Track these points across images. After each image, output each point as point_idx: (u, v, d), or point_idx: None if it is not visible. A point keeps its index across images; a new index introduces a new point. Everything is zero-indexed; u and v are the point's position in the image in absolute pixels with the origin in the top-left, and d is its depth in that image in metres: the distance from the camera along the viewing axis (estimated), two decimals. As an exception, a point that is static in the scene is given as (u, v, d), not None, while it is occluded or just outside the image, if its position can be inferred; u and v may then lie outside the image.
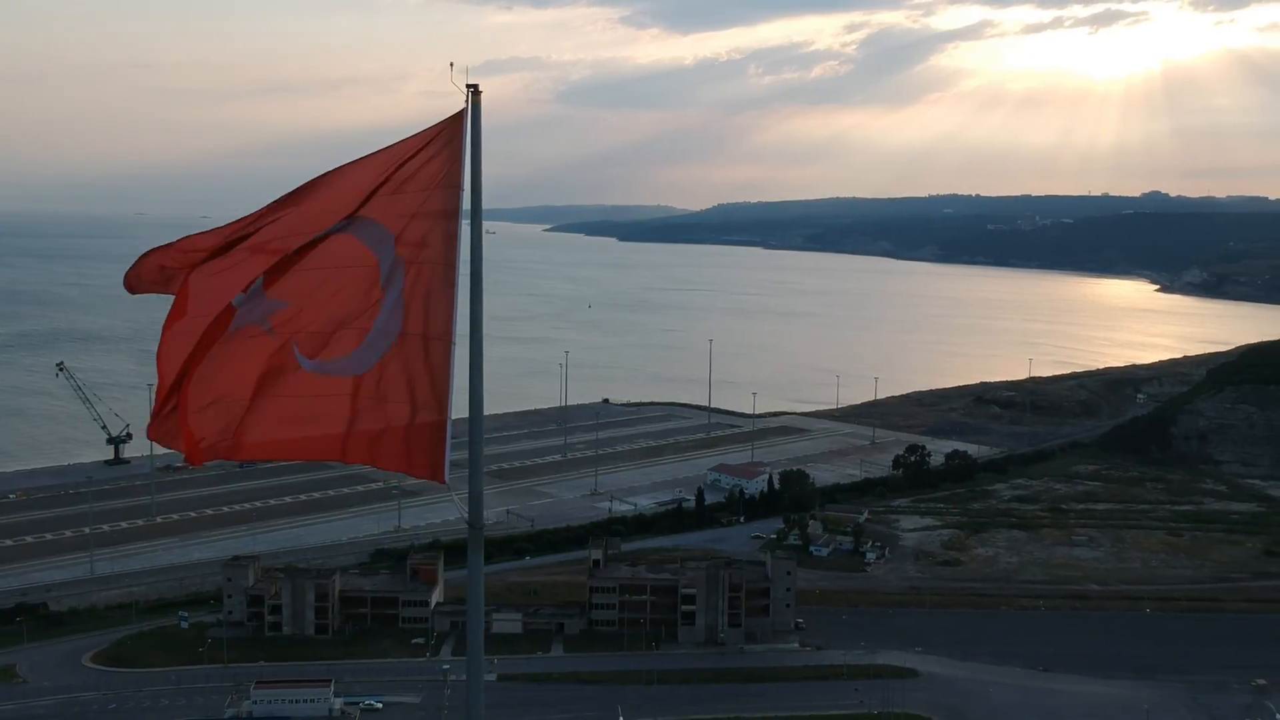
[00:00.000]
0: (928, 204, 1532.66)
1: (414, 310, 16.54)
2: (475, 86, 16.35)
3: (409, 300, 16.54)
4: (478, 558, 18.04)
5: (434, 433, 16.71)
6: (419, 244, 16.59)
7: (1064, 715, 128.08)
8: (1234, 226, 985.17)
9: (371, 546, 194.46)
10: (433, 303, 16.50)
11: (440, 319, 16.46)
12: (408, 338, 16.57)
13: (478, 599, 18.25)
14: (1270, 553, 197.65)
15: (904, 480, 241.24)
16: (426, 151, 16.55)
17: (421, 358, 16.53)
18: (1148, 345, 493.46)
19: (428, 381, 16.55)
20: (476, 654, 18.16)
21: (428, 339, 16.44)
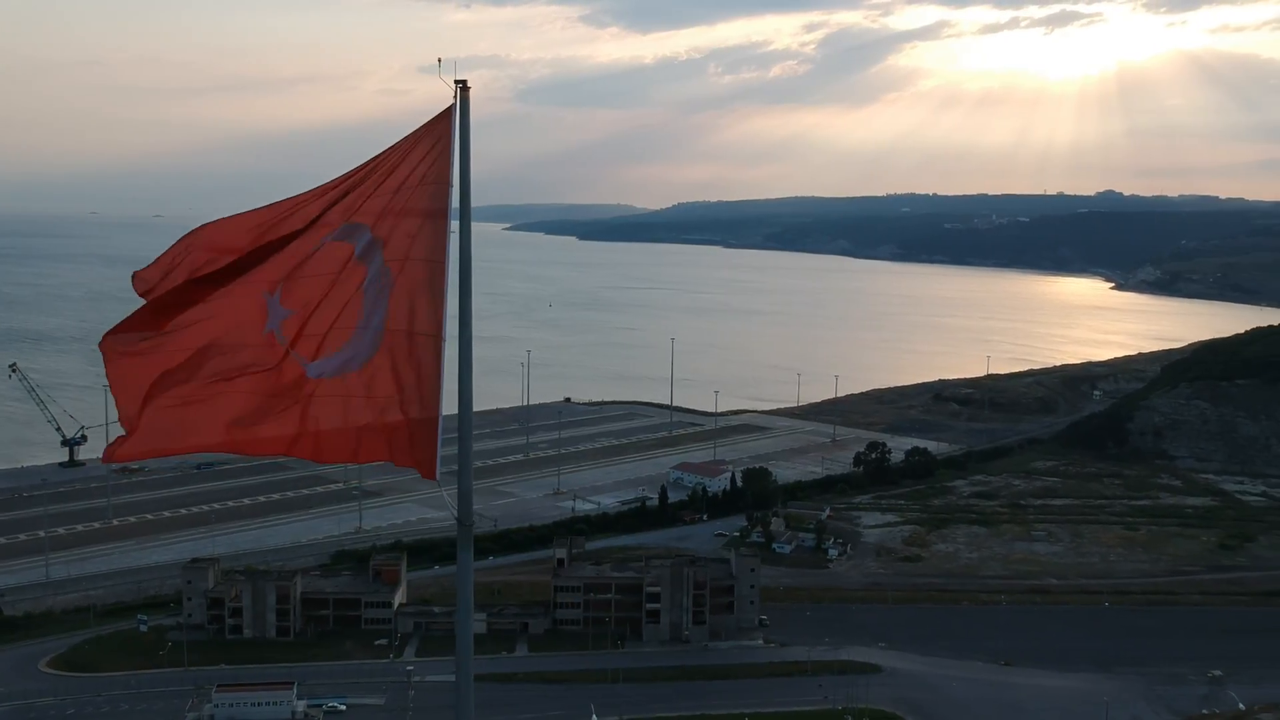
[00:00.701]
0: (886, 203, 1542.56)
1: (401, 308, 16.59)
2: (464, 83, 16.32)
3: (396, 298, 16.59)
4: (467, 555, 18.02)
5: (425, 429, 16.76)
6: (405, 242, 16.63)
7: (1025, 708, 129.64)
8: (1186, 225, 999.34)
9: (333, 548, 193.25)
10: (421, 300, 16.55)
11: (429, 316, 16.51)
12: (395, 335, 16.62)
13: (467, 597, 18.20)
14: (1224, 546, 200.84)
15: (865, 477, 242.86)
16: (415, 149, 16.59)
17: (410, 355, 16.59)
18: (1103, 342, 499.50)
19: (417, 378, 16.60)
20: (466, 652, 18.10)
21: (416, 336, 16.50)
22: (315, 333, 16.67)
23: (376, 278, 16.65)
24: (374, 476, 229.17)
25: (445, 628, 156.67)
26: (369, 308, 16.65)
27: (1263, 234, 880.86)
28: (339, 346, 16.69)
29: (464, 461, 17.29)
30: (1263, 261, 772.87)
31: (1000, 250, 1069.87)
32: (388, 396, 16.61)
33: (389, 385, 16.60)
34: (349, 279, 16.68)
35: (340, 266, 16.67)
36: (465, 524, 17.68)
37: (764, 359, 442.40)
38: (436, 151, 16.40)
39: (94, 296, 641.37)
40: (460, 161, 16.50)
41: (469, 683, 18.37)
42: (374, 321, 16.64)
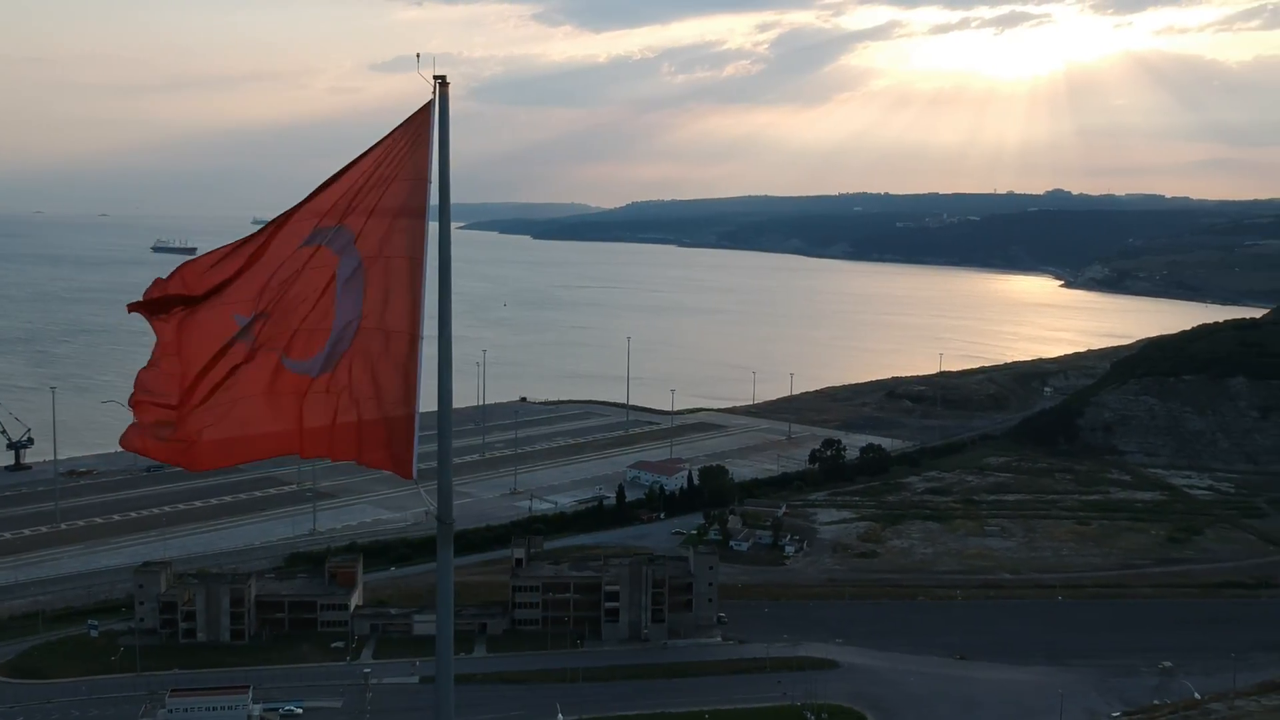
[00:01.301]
0: (838, 202, 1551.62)
1: (377, 306, 16.53)
2: (443, 78, 16.26)
3: (371, 296, 16.51)
4: (447, 553, 18.02)
5: (401, 428, 16.72)
6: (382, 239, 16.55)
7: (981, 702, 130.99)
8: (1133, 223, 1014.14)
9: (287, 550, 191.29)
10: (397, 298, 16.49)
11: (405, 314, 16.46)
12: (371, 333, 16.54)
13: (448, 595, 18.18)
14: (1173, 539, 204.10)
15: (820, 474, 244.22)
16: (394, 145, 16.48)
17: (386, 353, 16.52)
18: (1053, 339, 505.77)
19: (394, 377, 16.55)
20: (446, 651, 18.07)
21: (393, 334, 16.43)
22: (291, 332, 16.54)
23: (352, 275, 16.53)
24: (328, 478, 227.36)
25: (402, 629, 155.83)
26: (344, 305, 16.54)
27: (1207, 233, 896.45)
28: (319, 346, 16.57)
29: (444, 459, 17.26)
30: (1207, 260, 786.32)
31: (951, 249, 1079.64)
32: (363, 394, 16.53)
33: (364, 383, 16.52)
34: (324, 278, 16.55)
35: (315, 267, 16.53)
36: (445, 522, 17.70)
37: (719, 357, 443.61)
38: (415, 147, 16.30)
39: (39, 297, 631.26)
40: (440, 157, 16.41)
41: (449, 681, 18.33)
42: (349, 319, 16.53)
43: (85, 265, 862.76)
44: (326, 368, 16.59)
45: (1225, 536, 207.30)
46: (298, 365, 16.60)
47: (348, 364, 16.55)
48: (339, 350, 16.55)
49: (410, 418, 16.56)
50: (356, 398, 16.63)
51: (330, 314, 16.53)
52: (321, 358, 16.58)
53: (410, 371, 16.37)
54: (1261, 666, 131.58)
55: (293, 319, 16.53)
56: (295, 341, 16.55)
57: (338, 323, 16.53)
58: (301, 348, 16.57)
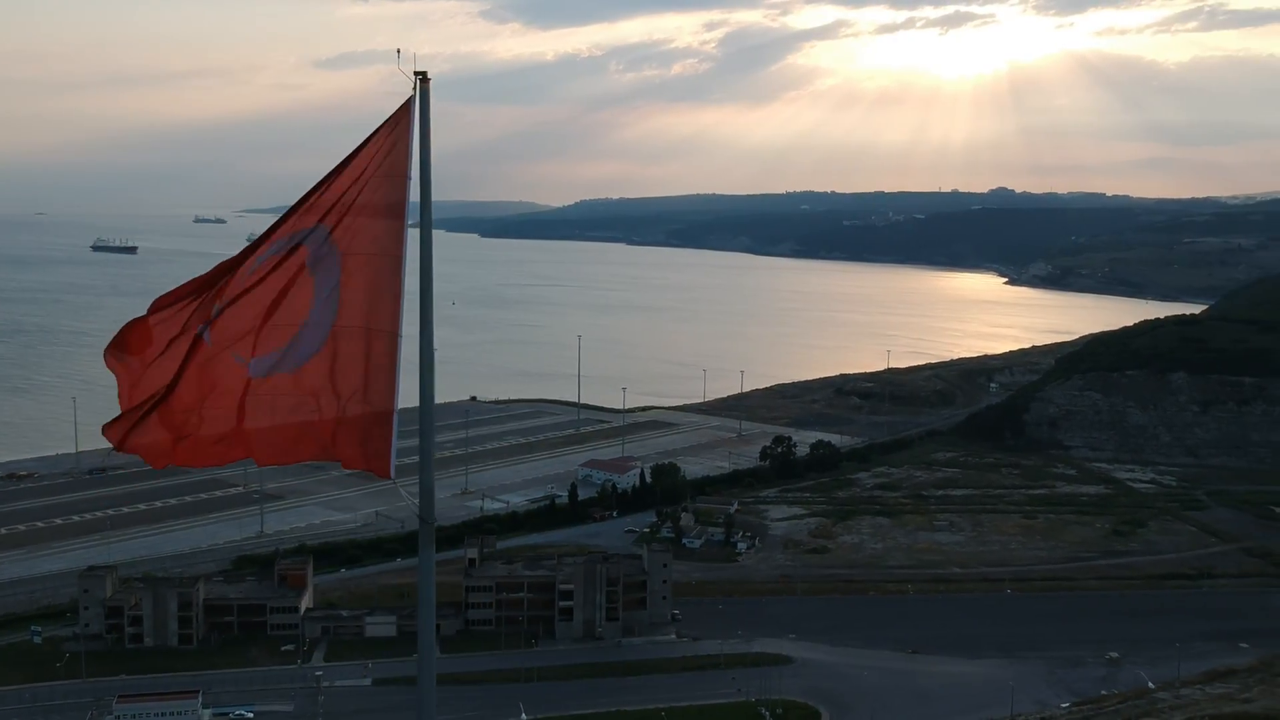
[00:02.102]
0: (786, 200, 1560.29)
1: (352, 303, 16.21)
2: (424, 74, 15.99)
3: (346, 294, 16.20)
4: (429, 552, 17.82)
5: (379, 427, 16.47)
6: (359, 237, 16.24)
7: (933, 695, 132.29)
8: (1075, 221, 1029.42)
9: (234, 553, 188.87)
10: (375, 296, 16.20)
11: (384, 312, 16.18)
12: (346, 331, 16.24)
13: (429, 594, 18.01)
14: (1118, 532, 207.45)
15: (771, 471, 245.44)
16: (372, 143, 16.20)
17: (363, 351, 16.24)
18: (998, 336, 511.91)
19: (371, 375, 16.28)
20: (429, 652, 17.90)
21: (370, 332, 16.17)
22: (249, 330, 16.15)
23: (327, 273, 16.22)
24: (275, 479, 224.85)
25: (354, 631, 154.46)
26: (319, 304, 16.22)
27: (1147, 230, 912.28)
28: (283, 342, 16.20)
29: (426, 458, 17.05)
30: (1147, 257, 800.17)
31: (897, 247, 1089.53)
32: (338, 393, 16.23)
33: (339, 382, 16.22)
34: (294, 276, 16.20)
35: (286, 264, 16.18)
36: (427, 521, 17.46)
37: (669, 355, 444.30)
38: (394, 144, 16.03)
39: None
40: (420, 154, 16.15)
41: (431, 681, 18.14)
42: (323, 319, 16.22)
43: (22, 265, 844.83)
44: (295, 366, 16.23)
45: (1167, 529, 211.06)
46: (258, 363, 16.20)
47: (321, 362, 16.21)
48: (310, 349, 16.21)
49: (389, 417, 16.33)
50: (332, 396, 16.32)
51: (300, 311, 16.19)
52: (289, 355, 16.20)
53: (389, 370, 16.14)
54: (1204, 655, 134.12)
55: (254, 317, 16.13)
56: (257, 340, 16.17)
57: (310, 320, 16.19)
58: (263, 345, 16.18)
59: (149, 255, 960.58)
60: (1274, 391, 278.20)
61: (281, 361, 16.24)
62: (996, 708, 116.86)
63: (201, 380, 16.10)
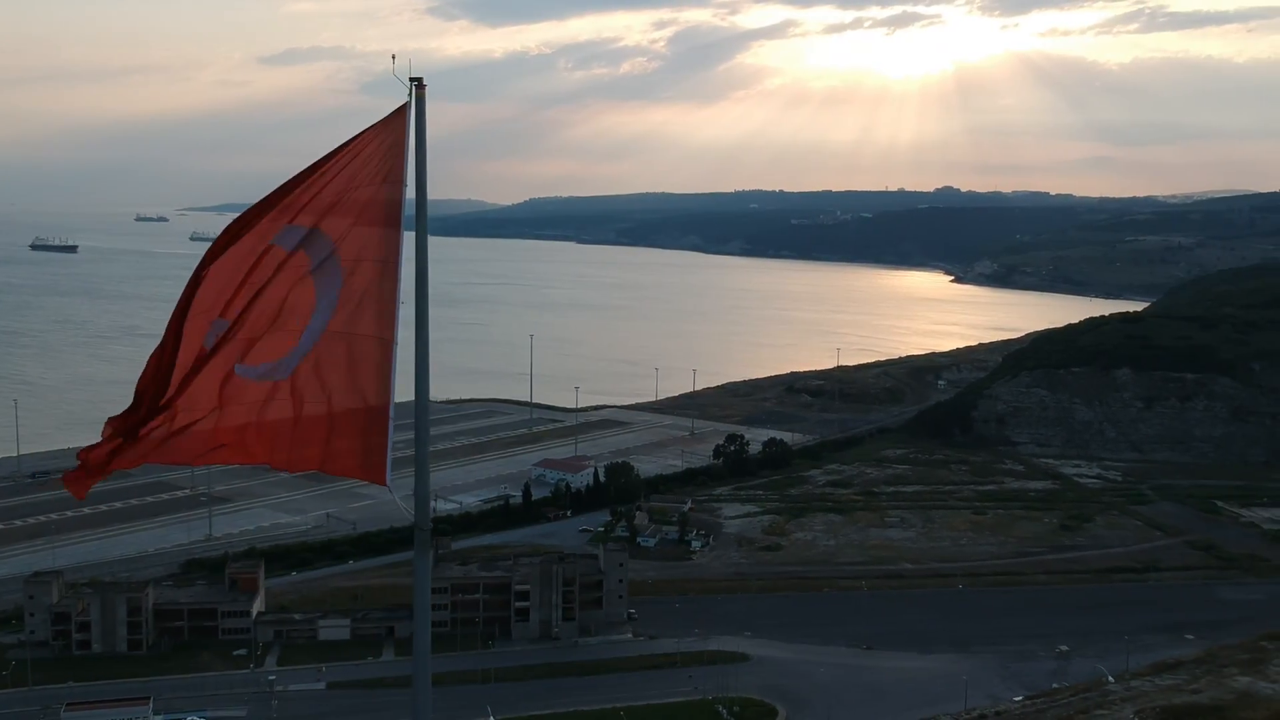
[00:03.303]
0: (734, 199, 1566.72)
1: (350, 310, 16.13)
2: (419, 80, 15.95)
3: (344, 300, 16.12)
4: (425, 560, 17.72)
5: (375, 434, 16.41)
6: (357, 244, 16.18)
7: (888, 690, 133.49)
8: (1020, 220, 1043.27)
9: (183, 556, 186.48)
10: (371, 302, 16.13)
11: (381, 318, 16.13)
12: (341, 337, 16.14)
13: (425, 601, 17.88)
14: (1065, 527, 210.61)
15: (724, 469, 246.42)
16: (367, 148, 16.12)
17: (359, 358, 16.17)
18: (945, 333, 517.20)
19: (368, 382, 16.22)
20: (424, 658, 17.80)
21: (367, 339, 16.09)
22: (248, 336, 16.04)
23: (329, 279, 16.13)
24: (223, 482, 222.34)
25: (307, 635, 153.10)
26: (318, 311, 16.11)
27: (1089, 228, 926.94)
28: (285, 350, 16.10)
29: (421, 465, 16.99)
30: (1090, 255, 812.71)
31: (845, 245, 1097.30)
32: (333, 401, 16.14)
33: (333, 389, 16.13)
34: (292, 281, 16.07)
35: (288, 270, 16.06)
36: (423, 528, 17.36)
37: (621, 354, 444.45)
38: (390, 150, 15.98)
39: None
40: (416, 161, 16.12)
41: (426, 688, 18.04)
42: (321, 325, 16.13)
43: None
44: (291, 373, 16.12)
45: (1114, 523, 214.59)
46: (255, 371, 16.07)
47: (314, 369, 16.10)
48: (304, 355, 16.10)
49: (384, 424, 16.27)
50: (326, 404, 16.22)
51: (301, 318, 16.08)
52: (287, 362, 16.10)
53: (384, 377, 16.09)
54: (1152, 647, 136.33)
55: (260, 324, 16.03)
56: (258, 347, 16.04)
57: (311, 327, 16.09)
58: (264, 353, 16.05)
59: (89, 254, 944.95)
60: (1215, 388, 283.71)
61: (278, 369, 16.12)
62: (951, 702, 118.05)
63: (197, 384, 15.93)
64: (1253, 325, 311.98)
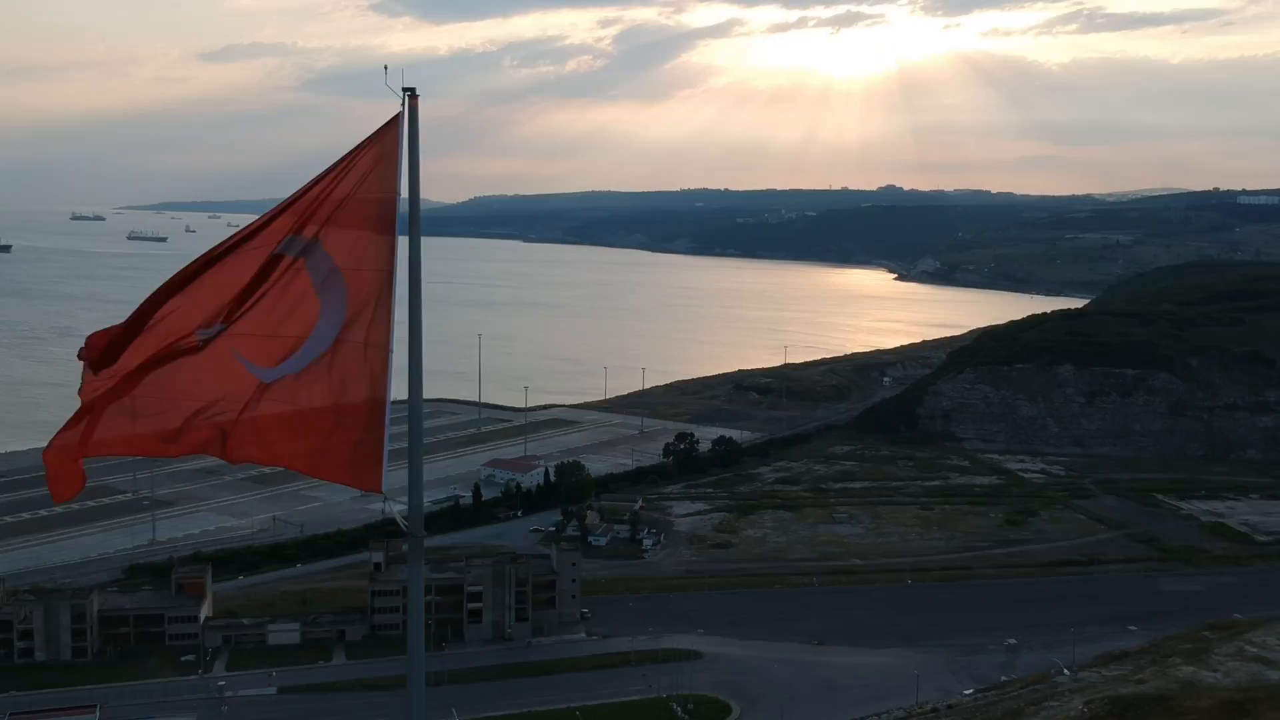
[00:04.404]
0: (681, 198, 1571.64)
1: (350, 318, 16.31)
2: (412, 90, 16.15)
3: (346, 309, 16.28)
4: (418, 568, 17.78)
5: (371, 442, 16.56)
6: (354, 253, 16.37)
7: (841, 685, 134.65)
8: (962, 218, 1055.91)
9: (126, 562, 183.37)
10: (370, 311, 16.32)
11: (379, 328, 16.33)
12: (344, 346, 16.31)
13: (418, 609, 17.92)
14: (1011, 521, 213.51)
15: (674, 467, 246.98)
16: (361, 159, 16.32)
17: (357, 365, 16.33)
18: (890, 330, 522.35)
19: (364, 391, 16.37)
20: (418, 665, 17.87)
21: (365, 347, 16.25)
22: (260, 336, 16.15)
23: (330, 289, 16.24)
24: (166, 485, 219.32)
25: (256, 640, 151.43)
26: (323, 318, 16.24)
27: (1030, 226, 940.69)
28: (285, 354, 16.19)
29: (415, 471, 17.06)
30: (1031, 252, 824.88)
31: (790, 244, 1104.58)
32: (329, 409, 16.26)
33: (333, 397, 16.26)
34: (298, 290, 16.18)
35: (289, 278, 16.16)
36: (417, 536, 17.44)
37: (568, 353, 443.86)
38: (383, 161, 16.15)
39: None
40: (410, 171, 16.27)
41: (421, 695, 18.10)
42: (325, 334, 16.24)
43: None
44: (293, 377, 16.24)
45: (1058, 517, 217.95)
46: (257, 369, 16.20)
47: (314, 376, 16.25)
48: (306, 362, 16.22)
49: (380, 431, 16.42)
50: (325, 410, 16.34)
51: (305, 327, 16.19)
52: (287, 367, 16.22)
53: (381, 384, 16.26)
54: (1097, 639, 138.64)
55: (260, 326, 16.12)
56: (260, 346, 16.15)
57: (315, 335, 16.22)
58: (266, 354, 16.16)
59: (24, 254, 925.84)
60: (1154, 383, 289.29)
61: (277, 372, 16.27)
62: (902, 696, 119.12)
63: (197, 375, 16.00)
64: (1190, 321, 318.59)
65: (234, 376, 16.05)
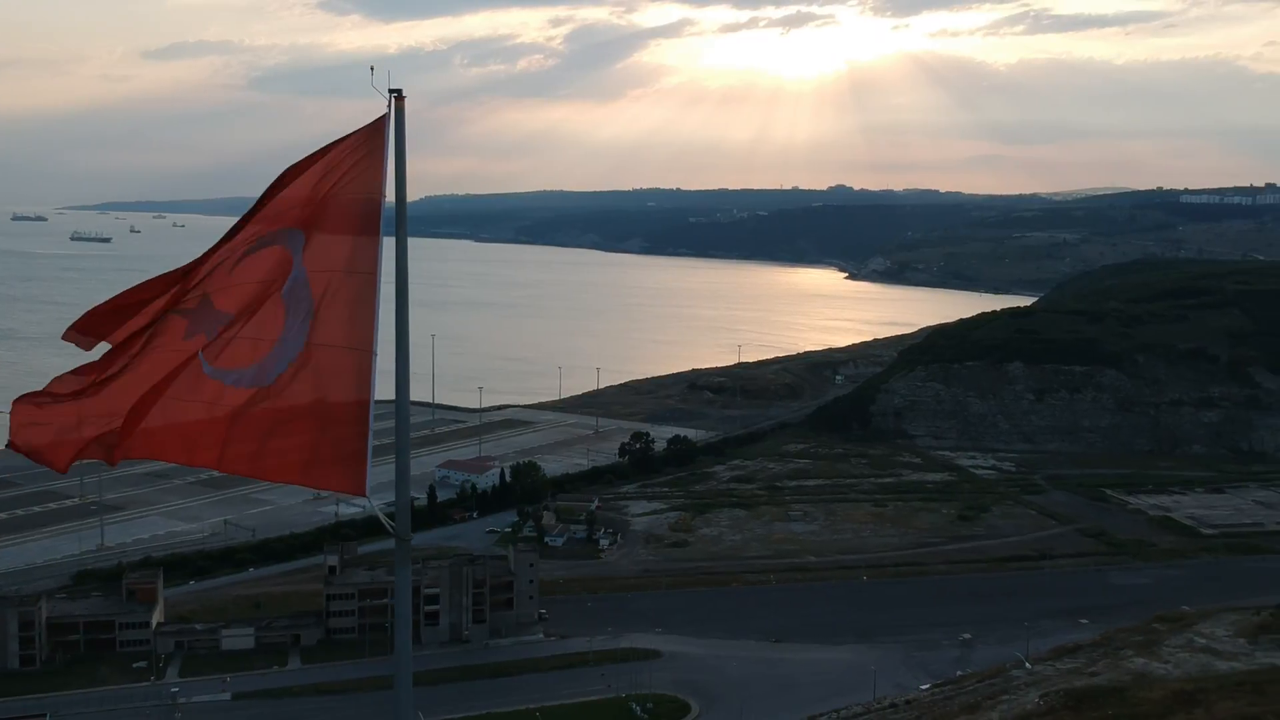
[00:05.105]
0: (633, 197, 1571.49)
1: (328, 321, 16.11)
2: (398, 91, 16.06)
3: (321, 311, 16.09)
4: (405, 571, 17.75)
5: (354, 446, 16.41)
6: (332, 254, 16.17)
7: (799, 682, 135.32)
8: (911, 217, 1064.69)
9: (74, 568, 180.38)
10: (353, 314, 16.14)
11: (361, 330, 16.14)
12: (321, 349, 16.12)
13: (406, 613, 17.90)
14: (963, 517, 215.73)
15: (630, 467, 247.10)
16: (344, 159, 16.14)
17: (339, 369, 16.15)
18: (841, 329, 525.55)
19: (346, 394, 16.21)
20: (405, 670, 17.81)
21: (345, 350, 16.08)
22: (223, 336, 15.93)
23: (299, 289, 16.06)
24: (114, 490, 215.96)
25: (209, 645, 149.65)
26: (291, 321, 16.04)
27: (978, 225, 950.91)
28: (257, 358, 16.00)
29: (402, 475, 17.02)
30: (980, 251, 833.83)
31: (741, 243, 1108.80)
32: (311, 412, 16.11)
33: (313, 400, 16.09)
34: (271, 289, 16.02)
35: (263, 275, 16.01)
36: (404, 539, 17.37)
37: (522, 353, 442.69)
38: (369, 161, 16.00)
39: None
40: (396, 173, 16.16)
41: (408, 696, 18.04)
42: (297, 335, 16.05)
43: None
44: (266, 381, 16.02)
45: (1009, 513, 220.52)
46: (227, 375, 15.95)
47: (294, 381, 16.04)
48: (283, 366, 16.02)
49: (364, 435, 16.30)
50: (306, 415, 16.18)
51: (274, 327, 15.99)
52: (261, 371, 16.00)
53: (363, 388, 16.11)
54: (1050, 632, 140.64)
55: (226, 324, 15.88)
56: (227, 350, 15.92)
57: (285, 337, 16.00)
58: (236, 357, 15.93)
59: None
60: (1102, 379, 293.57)
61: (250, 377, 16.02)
62: (859, 692, 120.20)
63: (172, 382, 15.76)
64: (1136, 319, 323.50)
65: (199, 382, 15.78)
